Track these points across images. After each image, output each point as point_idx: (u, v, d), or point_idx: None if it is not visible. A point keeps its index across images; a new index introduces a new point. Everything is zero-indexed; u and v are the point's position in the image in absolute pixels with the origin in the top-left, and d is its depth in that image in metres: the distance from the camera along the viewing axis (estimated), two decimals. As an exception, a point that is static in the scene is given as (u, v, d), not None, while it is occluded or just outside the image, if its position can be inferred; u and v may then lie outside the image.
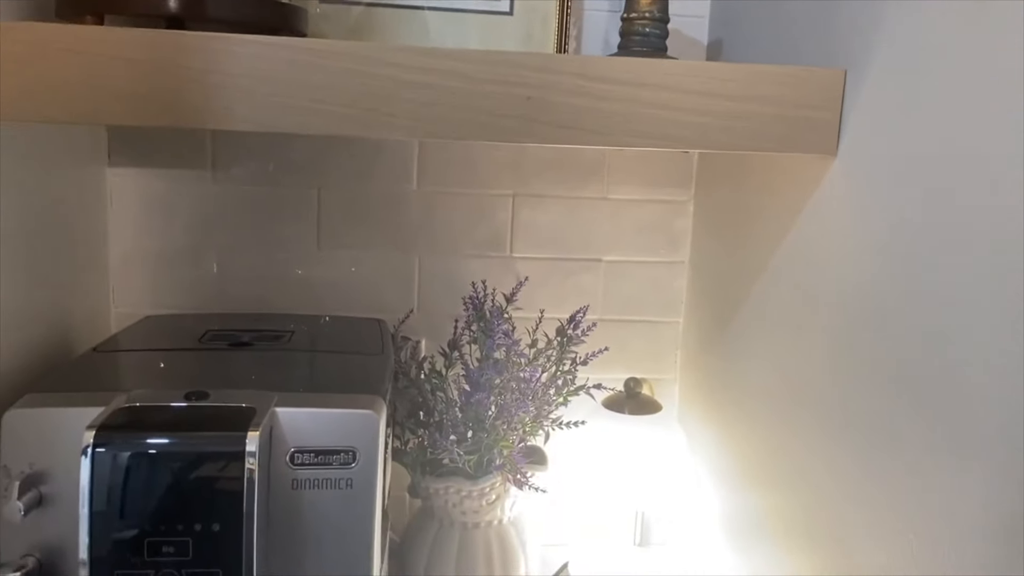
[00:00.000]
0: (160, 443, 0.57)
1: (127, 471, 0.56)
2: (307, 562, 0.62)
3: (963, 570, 0.57)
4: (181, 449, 0.57)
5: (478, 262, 1.04)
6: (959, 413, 0.57)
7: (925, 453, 0.61)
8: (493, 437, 0.93)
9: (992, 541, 0.55)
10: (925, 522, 0.61)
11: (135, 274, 1.00)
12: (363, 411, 0.63)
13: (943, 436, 0.59)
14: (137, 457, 0.56)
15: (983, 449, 0.56)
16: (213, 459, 0.57)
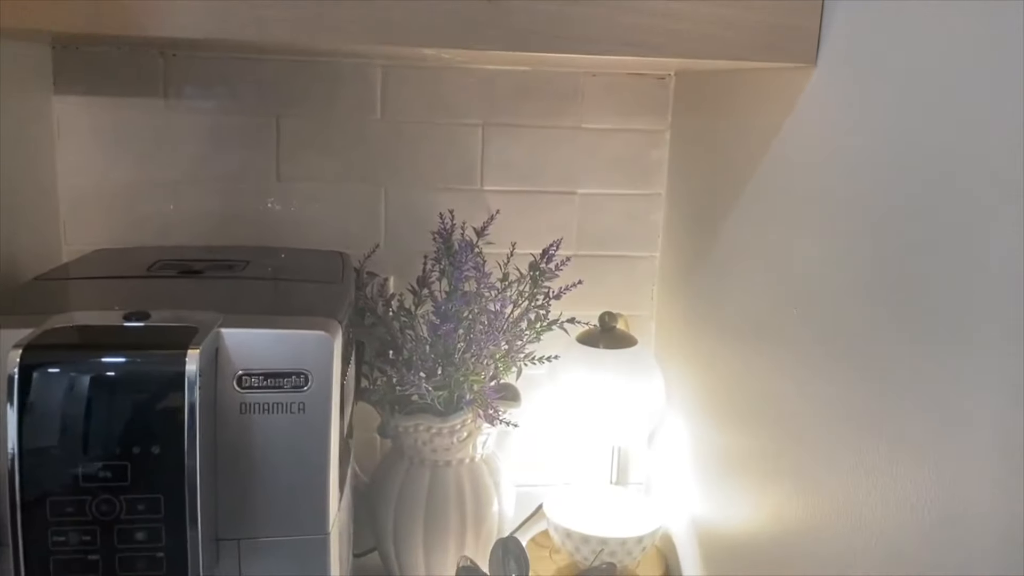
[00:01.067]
0: (94, 362, 0.53)
1: (58, 392, 0.52)
2: (259, 490, 0.59)
3: (941, 502, 0.55)
4: (116, 369, 0.53)
5: (447, 195, 1.00)
6: (945, 341, 0.55)
7: (906, 385, 0.59)
8: (463, 372, 0.90)
9: (969, 474, 0.52)
10: (901, 457, 0.59)
11: (87, 209, 0.96)
12: (316, 332, 0.60)
13: (927, 366, 0.56)
14: (69, 377, 0.53)
15: (966, 382, 0.53)
16: (151, 379, 0.53)
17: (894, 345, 0.60)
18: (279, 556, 0.60)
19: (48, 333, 0.54)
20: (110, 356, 0.54)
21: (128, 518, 0.53)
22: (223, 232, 0.97)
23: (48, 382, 0.52)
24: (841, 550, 0.66)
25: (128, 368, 0.53)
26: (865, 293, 0.63)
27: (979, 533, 0.52)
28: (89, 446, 0.52)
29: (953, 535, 0.54)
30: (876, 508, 0.62)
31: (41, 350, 0.53)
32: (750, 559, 0.82)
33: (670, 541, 1.04)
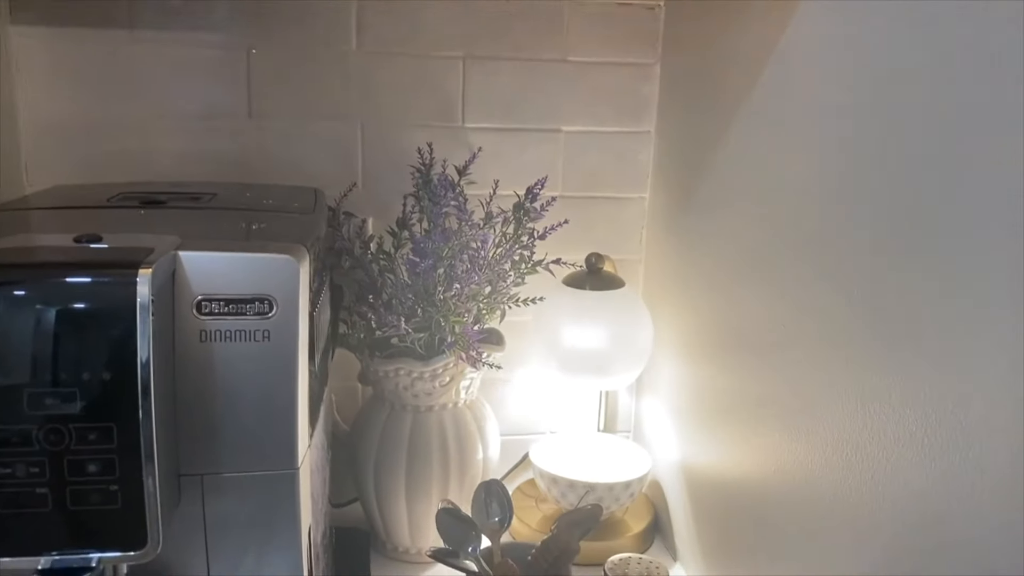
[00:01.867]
0: (40, 283, 0.49)
1: (1, 314, 0.48)
2: (223, 423, 0.56)
3: (943, 429, 0.52)
4: (64, 289, 0.50)
5: (427, 132, 0.95)
6: (944, 266, 0.51)
7: (902, 313, 0.56)
8: (443, 313, 0.86)
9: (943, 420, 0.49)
10: (898, 386, 0.56)
11: (49, 146, 0.91)
12: (281, 256, 0.56)
13: (926, 291, 0.53)
14: (13, 298, 0.49)
15: (969, 304, 0.50)
16: (101, 299, 0.49)
17: (889, 273, 0.57)
18: (245, 492, 0.57)
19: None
20: (57, 276, 0.50)
21: (78, 448, 0.49)
22: (192, 172, 0.93)
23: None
24: (838, 484, 0.63)
25: (77, 288, 0.50)
26: (860, 221, 0.60)
27: (984, 459, 0.49)
28: (36, 372, 0.49)
29: (956, 462, 0.51)
30: (873, 440, 0.59)
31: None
32: (742, 502, 0.80)
33: (659, 489, 1.01)
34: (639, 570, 0.72)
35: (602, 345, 0.92)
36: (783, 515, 0.72)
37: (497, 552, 0.75)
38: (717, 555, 0.86)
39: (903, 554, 0.56)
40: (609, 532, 0.96)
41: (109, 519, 0.51)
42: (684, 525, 0.94)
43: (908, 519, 0.55)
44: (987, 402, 0.49)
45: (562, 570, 0.73)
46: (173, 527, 0.55)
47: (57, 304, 0.49)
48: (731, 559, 0.83)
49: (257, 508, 0.58)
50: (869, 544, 0.60)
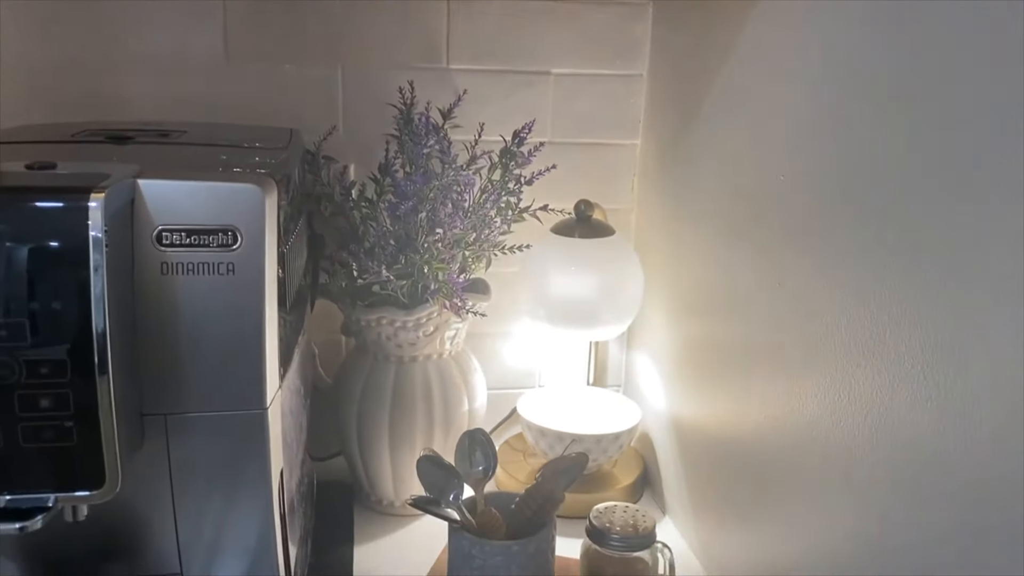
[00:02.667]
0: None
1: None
2: (187, 360, 0.53)
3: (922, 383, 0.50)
4: (12, 214, 0.47)
5: (410, 74, 0.91)
6: (950, 210, 0.49)
7: (889, 263, 0.53)
8: (426, 259, 0.84)
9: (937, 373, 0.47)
10: (880, 336, 0.53)
11: (20, 88, 0.88)
12: (245, 185, 0.53)
13: (931, 228, 0.51)
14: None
15: (955, 256, 0.47)
16: (50, 224, 0.46)
17: (884, 216, 0.54)
18: (211, 433, 0.55)
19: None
20: (5, 201, 0.47)
21: (30, 383, 0.47)
22: (167, 116, 0.89)
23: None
24: (831, 430, 0.61)
25: (25, 214, 0.47)
26: (855, 165, 0.57)
27: (982, 396, 0.47)
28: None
29: (953, 400, 0.49)
30: (868, 381, 0.57)
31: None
32: (732, 454, 0.78)
33: (649, 442, 0.99)
34: (624, 518, 0.70)
35: (591, 295, 0.90)
36: (774, 466, 0.70)
37: (481, 501, 0.73)
38: (706, 507, 0.85)
39: (899, 498, 0.54)
40: (598, 485, 0.94)
41: (64, 457, 0.48)
42: (673, 478, 0.92)
43: (904, 461, 0.53)
44: (986, 339, 0.46)
45: (546, 518, 0.71)
46: (137, 468, 0.53)
47: (5, 230, 0.47)
48: (720, 511, 0.81)
49: (225, 450, 0.56)
50: (864, 490, 0.58)
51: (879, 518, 0.56)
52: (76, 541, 0.56)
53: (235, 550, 0.58)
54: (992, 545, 0.46)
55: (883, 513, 0.55)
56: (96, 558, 0.57)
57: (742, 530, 0.77)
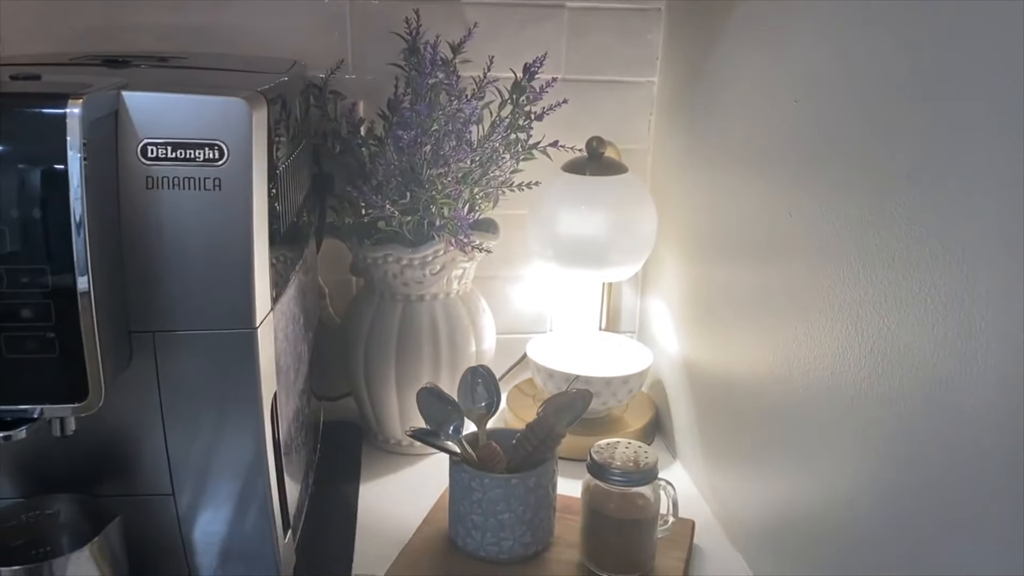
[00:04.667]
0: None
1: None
2: (174, 277, 0.53)
3: (928, 307, 0.47)
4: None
5: (420, 6, 0.89)
6: (942, 132, 0.46)
7: (899, 193, 0.50)
8: (431, 194, 0.82)
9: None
10: (888, 262, 0.51)
11: (21, 20, 0.87)
12: (232, 99, 0.52)
13: (919, 171, 0.48)
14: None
15: (959, 183, 0.44)
16: (28, 129, 0.46)
17: (895, 150, 0.51)
18: (200, 352, 0.54)
19: (-87, 84, 0.47)
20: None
21: (10, 291, 0.46)
22: (172, 47, 0.88)
23: (-91, 134, 0.45)
24: (838, 362, 0.59)
25: (2, 120, 0.46)
26: (872, 103, 0.54)
27: (987, 320, 0.44)
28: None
29: (959, 324, 0.46)
30: (876, 308, 0.54)
31: (-100, 99, 0.46)
32: (743, 399, 0.76)
33: (661, 388, 0.98)
34: (626, 453, 0.68)
35: (601, 233, 0.88)
36: (784, 409, 0.68)
37: (482, 435, 0.72)
38: (716, 452, 0.83)
39: (901, 435, 0.52)
40: (608, 429, 0.92)
41: (48, 369, 0.48)
42: (685, 423, 0.91)
43: (911, 387, 0.51)
44: (989, 264, 0.44)
45: (547, 454, 0.70)
46: (126, 386, 0.53)
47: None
48: (729, 456, 0.80)
49: (215, 369, 0.55)
50: (867, 427, 0.56)
51: (881, 456, 0.54)
52: (68, 459, 0.57)
53: (227, 472, 0.58)
54: (987, 477, 0.44)
55: (885, 451, 0.53)
56: (88, 476, 0.57)
57: (751, 473, 0.75)
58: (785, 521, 0.68)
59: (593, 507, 0.69)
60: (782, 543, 0.69)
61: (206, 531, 0.59)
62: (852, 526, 0.58)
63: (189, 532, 0.59)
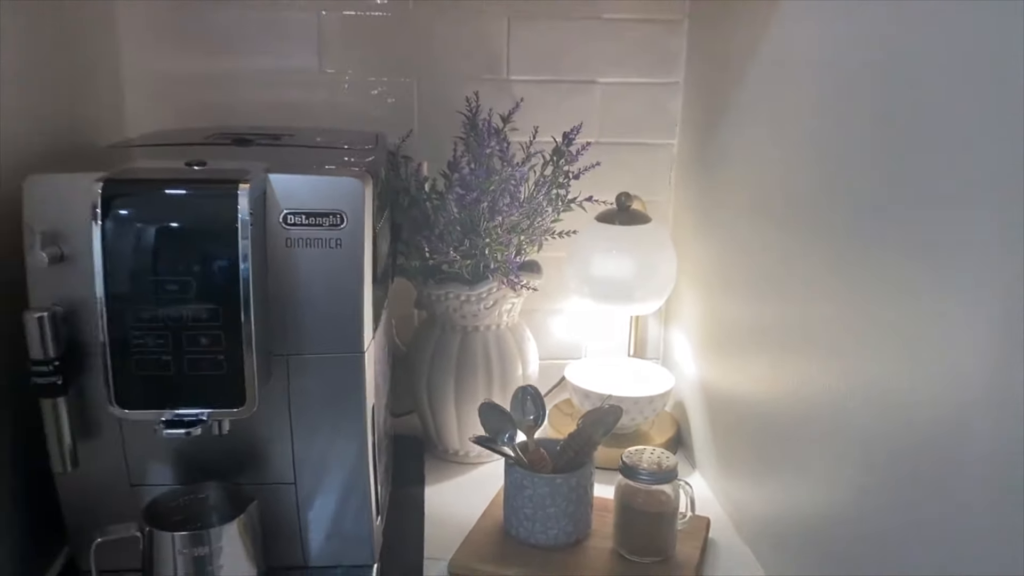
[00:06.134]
0: (162, 193, 0.63)
1: (133, 219, 0.62)
2: (304, 314, 0.69)
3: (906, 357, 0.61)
4: (182, 199, 0.63)
5: (475, 85, 1.06)
6: (949, 200, 0.57)
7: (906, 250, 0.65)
8: (487, 242, 0.98)
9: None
10: (879, 318, 0.65)
11: (147, 98, 1.05)
12: (350, 178, 0.68)
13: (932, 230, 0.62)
14: (142, 205, 0.62)
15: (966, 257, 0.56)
16: (210, 207, 0.62)
17: (887, 214, 0.64)
18: (321, 371, 0.70)
19: (122, 172, 0.64)
20: (176, 189, 0.63)
21: (193, 325, 0.63)
22: (272, 118, 1.06)
23: (128, 210, 0.62)
24: (836, 401, 0.71)
25: (191, 199, 0.63)
26: (866, 156, 0.67)
27: (958, 363, 0.59)
28: (162, 264, 0.62)
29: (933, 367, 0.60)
30: (863, 353, 0.67)
31: (117, 183, 0.62)
32: (751, 418, 0.90)
33: (682, 408, 1.12)
34: (651, 458, 0.83)
35: (629, 275, 1.03)
36: (787, 429, 0.81)
37: (531, 443, 0.87)
38: (729, 462, 0.97)
39: (887, 456, 0.64)
40: (636, 443, 1.07)
41: (217, 383, 0.64)
42: (702, 439, 1.05)
43: (890, 404, 0.64)
44: (970, 324, 0.58)
45: (585, 459, 0.85)
46: (266, 398, 0.69)
47: (177, 211, 0.63)
48: (741, 467, 0.94)
49: (332, 385, 0.71)
50: (859, 438, 0.68)
51: (871, 470, 0.67)
52: (218, 454, 0.72)
53: (337, 467, 0.74)
54: (961, 480, 0.57)
55: (875, 467, 0.66)
56: (231, 467, 0.73)
57: (758, 480, 0.89)
58: (786, 520, 0.82)
59: (624, 502, 0.83)
60: (783, 538, 0.83)
61: (318, 514, 0.75)
62: (842, 524, 0.71)
63: (305, 514, 0.75)
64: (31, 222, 0.66)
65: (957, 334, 0.56)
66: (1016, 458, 0.50)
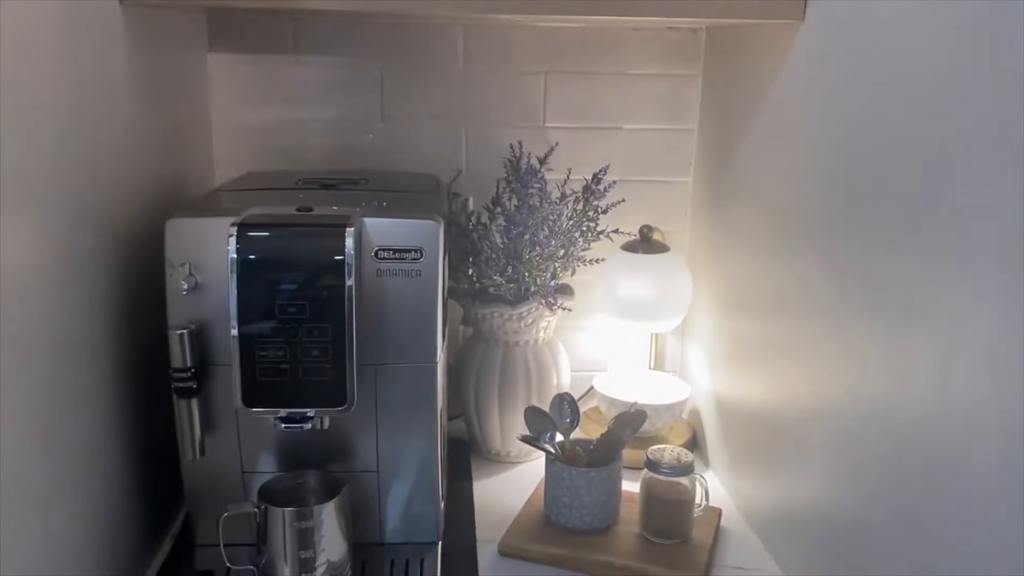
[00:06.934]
0: (282, 234, 0.79)
1: (260, 254, 0.78)
2: (390, 330, 0.84)
3: (895, 369, 0.76)
4: (297, 239, 0.79)
5: (516, 131, 1.22)
6: (937, 246, 0.68)
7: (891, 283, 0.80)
8: (528, 269, 1.14)
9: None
10: (868, 344, 0.80)
11: (230, 142, 1.21)
12: (427, 221, 0.84)
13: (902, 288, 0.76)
14: (268, 244, 0.78)
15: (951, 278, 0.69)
16: (323, 246, 0.78)
17: (875, 249, 0.79)
18: (403, 378, 0.86)
19: (251, 217, 0.80)
20: (296, 230, 0.79)
21: (307, 339, 0.78)
22: (339, 160, 1.22)
23: (256, 247, 0.78)
24: (834, 408, 0.84)
25: (307, 238, 0.79)
26: (856, 194, 0.80)
27: (947, 370, 0.74)
28: (283, 290, 0.78)
29: (918, 378, 0.75)
30: (855, 368, 0.81)
31: (248, 226, 0.78)
32: (759, 424, 1.04)
33: (697, 415, 1.27)
34: (672, 454, 0.98)
35: (650, 297, 1.19)
36: (791, 433, 0.95)
37: (568, 441, 1.02)
38: (739, 462, 1.12)
39: (881, 458, 0.78)
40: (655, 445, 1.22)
41: (325, 386, 0.80)
42: (715, 441, 1.20)
43: (874, 422, 0.78)
44: (966, 339, 0.73)
45: (615, 455, 1.00)
46: (359, 399, 0.84)
47: (297, 248, 0.79)
48: (749, 467, 1.08)
49: (410, 390, 0.87)
50: (855, 441, 0.80)
51: (861, 467, 0.80)
52: (315, 446, 0.88)
53: (411, 459, 0.89)
54: (936, 490, 0.71)
55: (864, 465, 0.79)
56: (326, 457, 0.88)
57: (765, 478, 1.03)
58: (788, 510, 0.96)
59: (648, 491, 0.98)
60: (785, 526, 0.97)
61: (394, 498, 0.90)
62: (836, 514, 0.84)
63: (384, 498, 0.90)
64: (172, 257, 0.82)
65: (940, 352, 0.67)
66: (977, 461, 0.65)
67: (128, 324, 0.86)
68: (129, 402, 0.87)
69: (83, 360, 0.77)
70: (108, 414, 0.83)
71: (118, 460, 0.85)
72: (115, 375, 0.84)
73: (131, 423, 0.88)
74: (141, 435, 0.90)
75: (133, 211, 0.89)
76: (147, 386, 0.90)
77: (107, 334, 0.82)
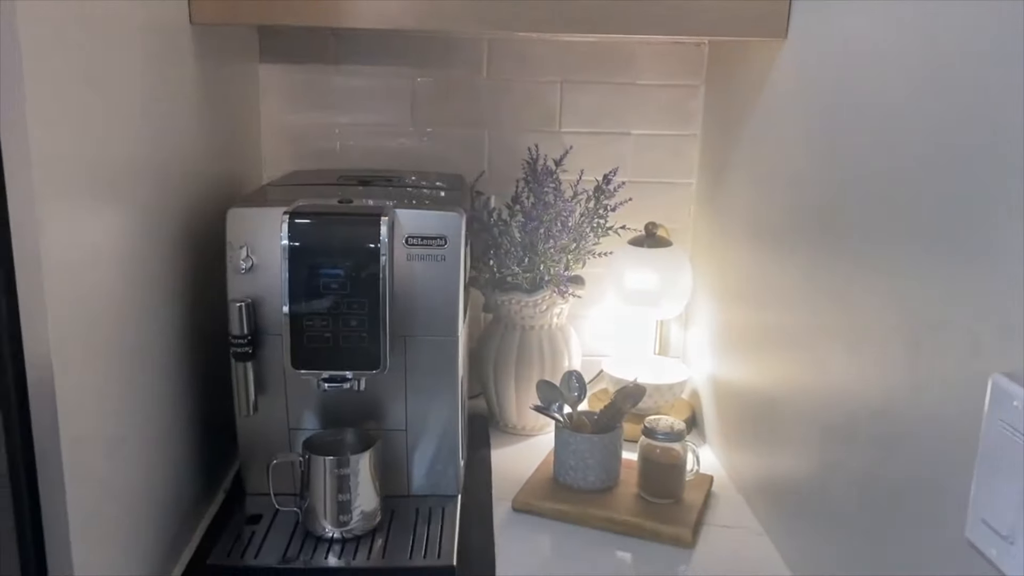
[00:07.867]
0: (327, 221, 0.92)
1: (310, 239, 0.91)
2: (418, 306, 0.97)
3: (872, 358, 0.87)
4: (340, 226, 0.92)
5: (533, 135, 1.34)
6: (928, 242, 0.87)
7: (879, 275, 0.91)
8: (543, 260, 1.26)
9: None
10: (860, 326, 0.91)
11: (278, 145, 1.36)
12: (451, 212, 0.97)
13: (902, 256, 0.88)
14: (314, 230, 0.91)
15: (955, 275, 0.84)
16: (361, 233, 0.91)
17: (864, 241, 0.92)
18: (429, 349, 0.99)
19: (300, 207, 0.94)
20: (337, 219, 0.93)
21: (347, 311, 0.91)
22: (375, 160, 1.36)
23: (304, 232, 0.91)
24: (819, 391, 0.96)
25: (348, 226, 0.92)
26: (841, 196, 0.95)
27: (930, 363, 0.85)
28: (327, 269, 0.91)
29: (897, 367, 0.87)
30: (844, 352, 0.94)
31: (297, 215, 0.92)
32: (751, 404, 1.16)
33: (697, 396, 1.39)
34: (666, 423, 1.10)
35: (655, 286, 1.31)
36: (780, 413, 1.06)
37: (575, 411, 1.15)
38: (731, 437, 1.23)
39: (857, 437, 0.91)
40: (658, 422, 1.33)
41: (361, 351, 0.93)
42: (712, 420, 1.31)
43: (842, 403, 0.91)
44: (936, 337, 0.85)
45: (616, 424, 1.12)
46: (391, 366, 0.97)
47: (339, 234, 0.92)
48: (742, 442, 1.20)
49: (435, 359, 0.99)
50: (831, 419, 0.94)
51: (830, 442, 0.93)
52: (352, 405, 1.01)
53: (436, 419, 1.02)
54: (885, 462, 0.84)
55: (832, 440, 0.93)
56: (361, 417, 1.02)
57: (752, 450, 1.15)
58: (770, 477, 1.08)
59: (645, 455, 1.10)
60: (767, 492, 1.08)
61: (421, 455, 1.03)
62: (811, 481, 0.95)
63: (411, 455, 1.03)
64: (232, 240, 0.96)
65: (889, 340, 0.81)
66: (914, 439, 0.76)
67: (191, 298, 1.00)
68: (193, 371, 1.01)
69: (155, 332, 0.91)
70: (175, 381, 0.97)
71: (185, 419, 0.99)
72: (182, 344, 0.98)
73: (193, 389, 1.02)
74: (199, 401, 1.04)
75: (195, 204, 1.03)
76: (206, 357, 1.04)
77: (175, 307, 0.96)
